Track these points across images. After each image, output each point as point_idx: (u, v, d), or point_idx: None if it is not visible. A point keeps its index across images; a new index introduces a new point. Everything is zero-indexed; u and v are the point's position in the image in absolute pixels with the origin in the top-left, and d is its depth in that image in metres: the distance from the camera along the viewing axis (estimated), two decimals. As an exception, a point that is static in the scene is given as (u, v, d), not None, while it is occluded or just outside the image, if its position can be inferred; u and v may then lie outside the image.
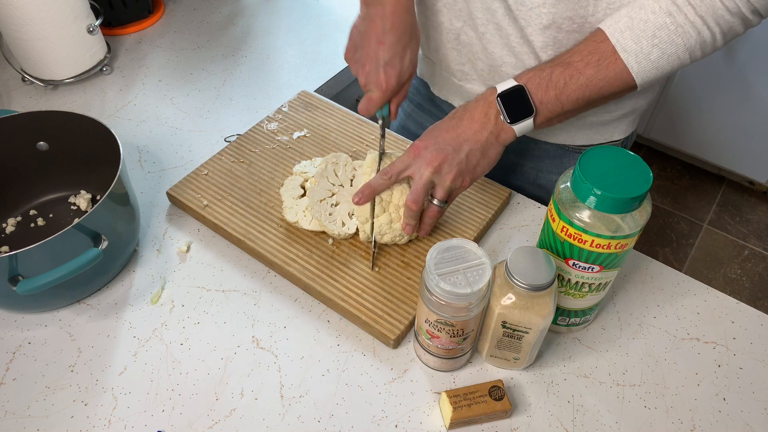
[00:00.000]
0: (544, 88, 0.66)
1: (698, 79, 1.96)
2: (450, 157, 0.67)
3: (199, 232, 0.80)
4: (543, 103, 0.66)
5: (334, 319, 0.71)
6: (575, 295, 0.63)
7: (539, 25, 0.70)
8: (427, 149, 0.68)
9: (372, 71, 0.70)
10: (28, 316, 0.71)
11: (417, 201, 0.69)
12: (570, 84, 0.65)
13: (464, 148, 0.68)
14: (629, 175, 0.54)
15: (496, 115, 0.67)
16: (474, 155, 0.68)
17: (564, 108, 0.67)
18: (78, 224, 0.63)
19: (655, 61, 0.63)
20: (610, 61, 0.64)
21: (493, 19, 0.73)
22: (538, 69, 0.67)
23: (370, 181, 0.70)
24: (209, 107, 0.99)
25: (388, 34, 0.69)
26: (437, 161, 0.67)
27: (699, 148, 2.15)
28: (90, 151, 0.76)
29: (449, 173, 0.68)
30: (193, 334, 0.69)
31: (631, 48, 0.63)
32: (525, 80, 0.67)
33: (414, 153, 0.69)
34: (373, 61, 0.70)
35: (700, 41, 0.62)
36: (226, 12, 1.21)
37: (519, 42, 0.73)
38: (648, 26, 0.62)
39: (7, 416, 0.62)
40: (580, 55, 0.65)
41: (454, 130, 0.69)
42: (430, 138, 0.69)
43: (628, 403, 0.64)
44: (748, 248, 2.02)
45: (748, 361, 0.68)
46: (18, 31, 0.94)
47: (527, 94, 0.66)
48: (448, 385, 0.65)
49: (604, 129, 0.83)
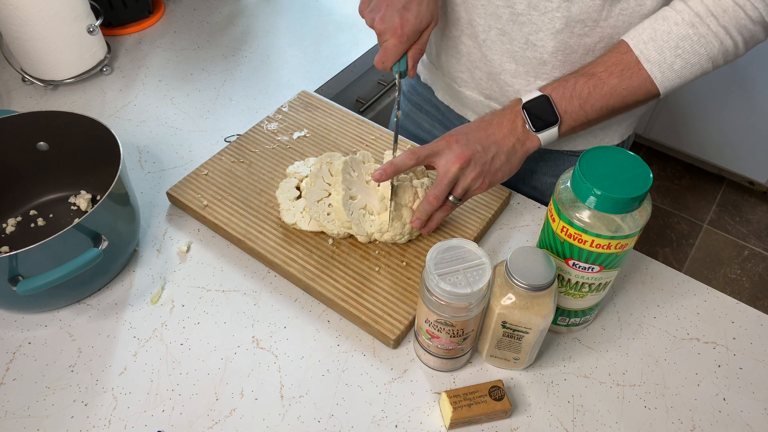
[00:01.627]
0: (568, 98, 0.67)
1: (699, 79, 1.96)
2: (477, 155, 0.67)
3: (199, 232, 0.80)
4: (567, 112, 0.67)
5: (334, 319, 0.71)
6: (575, 295, 0.63)
7: (551, 30, 0.69)
8: (458, 143, 0.68)
9: (388, 16, 0.66)
10: (28, 316, 0.71)
11: (439, 197, 0.69)
12: (594, 94, 0.66)
13: (492, 149, 0.68)
14: (629, 175, 0.54)
15: (522, 124, 0.69)
16: (499, 158, 0.69)
17: (588, 117, 0.68)
18: (78, 224, 0.63)
19: (679, 71, 0.64)
20: (634, 71, 0.65)
21: (497, 24, 0.73)
22: (562, 80, 0.68)
23: (394, 159, 0.68)
24: (209, 107, 0.99)
25: None
26: (466, 156, 0.67)
27: (699, 148, 2.15)
28: (90, 151, 0.76)
29: (473, 171, 0.68)
30: (193, 334, 0.69)
31: (654, 58, 0.64)
32: (549, 90, 0.68)
33: (446, 142, 0.68)
34: (389, 4, 0.66)
35: (723, 50, 0.63)
36: (226, 12, 1.21)
37: (522, 47, 0.73)
38: (671, 37, 0.63)
39: (7, 416, 0.62)
40: (603, 65, 0.66)
41: (485, 131, 0.69)
42: (461, 133, 0.69)
43: (628, 403, 0.64)
44: (748, 248, 2.02)
45: (748, 361, 0.68)
46: (18, 31, 0.94)
47: (552, 104, 0.67)
48: (448, 385, 0.65)
49: (602, 133, 0.83)
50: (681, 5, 0.63)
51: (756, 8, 0.61)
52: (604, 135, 0.83)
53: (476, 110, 0.86)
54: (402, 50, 0.68)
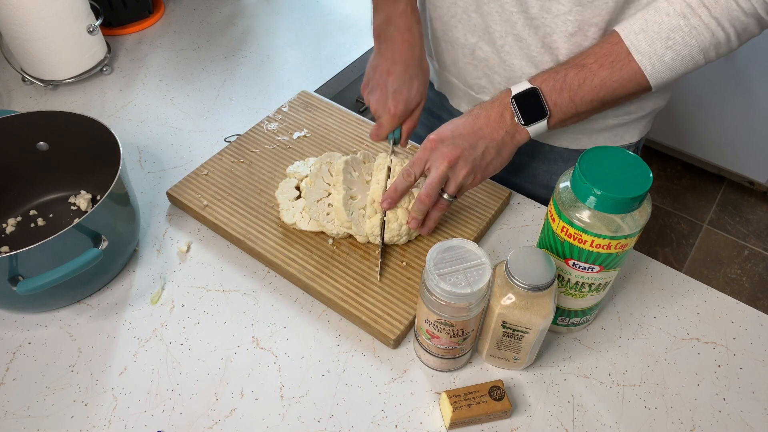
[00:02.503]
0: (558, 91, 0.67)
1: (698, 79, 1.96)
2: (466, 153, 0.68)
3: (199, 232, 0.80)
4: (557, 105, 0.67)
5: (334, 319, 0.71)
6: (575, 295, 0.63)
7: (565, 33, 0.69)
8: (443, 143, 0.68)
9: (381, 98, 0.75)
10: (28, 316, 0.71)
11: (430, 195, 0.69)
12: (584, 86, 0.66)
13: (480, 144, 0.68)
14: (629, 175, 0.54)
15: (511, 116, 0.68)
16: (489, 153, 0.69)
17: (578, 109, 0.68)
18: (78, 224, 0.63)
19: (669, 63, 0.64)
20: (624, 63, 0.64)
21: (513, 30, 0.72)
22: (552, 71, 0.68)
23: (394, 184, 0.71)
24: (209, 107, 0.99)
25: (397, 66, 0.75)
26: (453, 155, 0.67)
27: (699, 148, 2.15)
28: (90, 151, 0.76)
29: (464, 168, 0.68)
30: (193, 334, 0.69)
31: (645, 50, 0.63)
32: (539, 82, 0.67)
33: (430, 146, 0.69)
34: (382, 89, 0.75)
35: (714, 42, 0.62)
36: (226, 12, 1.21)
37: (540, 51, 0.73)
38: (662, 28, 0.62)
39: (7, 416, 0.62)
40: (594, 57, 0.66)
41: (471, 126, 0.69)
42: (446, 132, 0.69)
43: (628, 403, 0.64)
44: (748, 248, 2.02)
45: (748, 361, 0.68)
46: (18, 31, 0.94)
47: (541, 97, 0.67)
48: (448, 385, 0.65)
49: (622, 130, 0.82)
50: None
51: (749, 1, 0.60)
52: (627, 132, 0.82)
53: None
54: (394, 125, 0.76)
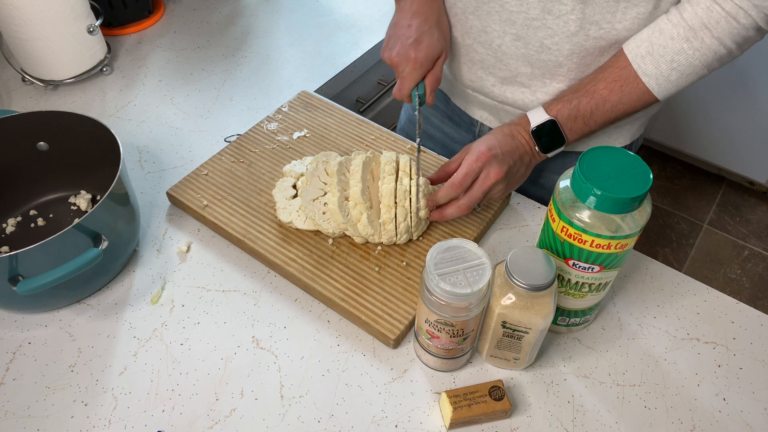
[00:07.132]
0: (573, 119, 0.72)
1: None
2: (511, 170, 0.72)
3: (199, 232, 0.80)
4: (572, 131, 0.73)
5: (334, 319, 0.71)
6: (575, 295, 0.63)
7: (566, 33, 0.70)
8: (496, 158, 0.70)
9: (402, 49, 0.72)
10: (28, 316, 0.71)
11: (470, 206, 0.72)
12: (596, 112, 0.71)
13: (518, 164, 0.73)
14: (629, 175, 0.54)
15: (533, 144, 0.74)
16: (520, 171, 0.74)
17: (591, 130, 0.74)
18: (78, 224, 0.63)
19: (675, 81, 0.68)
20: (633, 85, 0.69)
21: (512, 30, 0.73)
22: (566, 100, 0.72)
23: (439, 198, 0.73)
24: (209, 107, 0.99)
25: (415, 18, 0.74)
26: (503, 172, 0.70)
27: (699, 149, 2.15)
28: (90, 151, 0.76)
29: (502, 184, 0.72)
30: (193, 334, 0.69)
31: (651, 72, 0.68)
32: (555, 112, 0.72)
33: (484, 160, 0.70)
34: (402, 41, 0.73)
35: (718, 58, 0.66)
36: (226, 12, 1.21)
37: (537, 50, 0.74)
38: (667, 51, 0.66)
39: (7, 416, 0.62)
40: (604, 82, 0.70)
41: (510, 144, 0.72)
42: (496, 146, 0.71)
43: (628, 403, 0.64)
44: (748, 248, 2.02)
45: (748, 361, 0.68)
46: (18, 31, 0.94)
47: (559, 128, 0.72)
48: (448, 385, 0.65)
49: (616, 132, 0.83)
50: (676, 17, 0.65)
51: (749, 15, 0.62)
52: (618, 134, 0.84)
53: (492, 113, 0.86)
54: (417, 76, 0.72)
